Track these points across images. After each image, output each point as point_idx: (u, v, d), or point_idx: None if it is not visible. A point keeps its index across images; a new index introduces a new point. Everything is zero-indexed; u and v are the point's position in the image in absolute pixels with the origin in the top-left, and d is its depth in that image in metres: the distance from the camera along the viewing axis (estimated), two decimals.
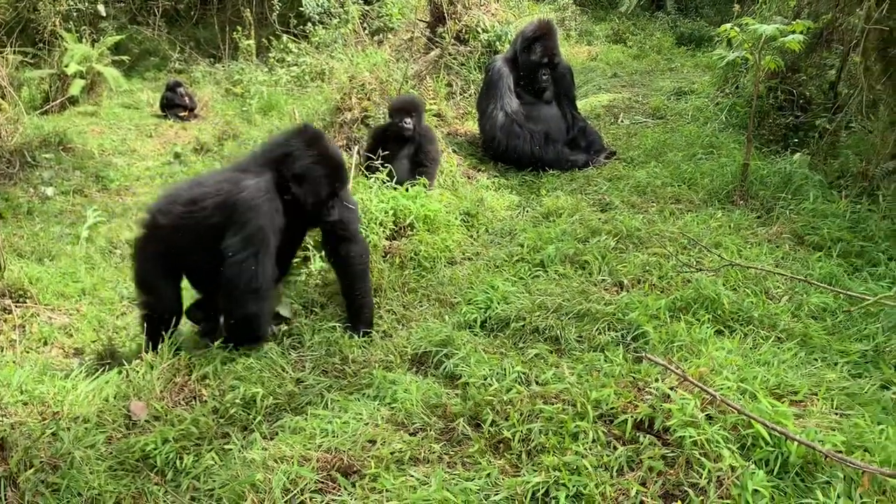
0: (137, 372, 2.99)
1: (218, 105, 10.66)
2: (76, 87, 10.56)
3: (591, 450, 2.27)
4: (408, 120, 4.82)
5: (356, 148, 4.86)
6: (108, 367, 3.56)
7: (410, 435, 2.52)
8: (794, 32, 4.18)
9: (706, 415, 2.29)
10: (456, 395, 2.72)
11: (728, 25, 4.36)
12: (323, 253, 3.81)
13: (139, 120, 10.47)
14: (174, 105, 10.37)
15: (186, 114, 10.31)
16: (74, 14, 11.52)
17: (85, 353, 3.90)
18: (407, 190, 4.37)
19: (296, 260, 3.94)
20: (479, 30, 7.35)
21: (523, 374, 2.74)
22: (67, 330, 4.16)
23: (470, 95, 6.87)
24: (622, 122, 6.72)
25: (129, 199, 7.25)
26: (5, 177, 7.08)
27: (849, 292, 3.04)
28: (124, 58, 12.04)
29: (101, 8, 11.85)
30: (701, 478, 2.08)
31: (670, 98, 7.22)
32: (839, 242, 3.89)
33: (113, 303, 4.52)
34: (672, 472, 2.15)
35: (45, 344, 3.96)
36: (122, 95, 11.44)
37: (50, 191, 7.11)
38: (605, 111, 7.07)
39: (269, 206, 3.15)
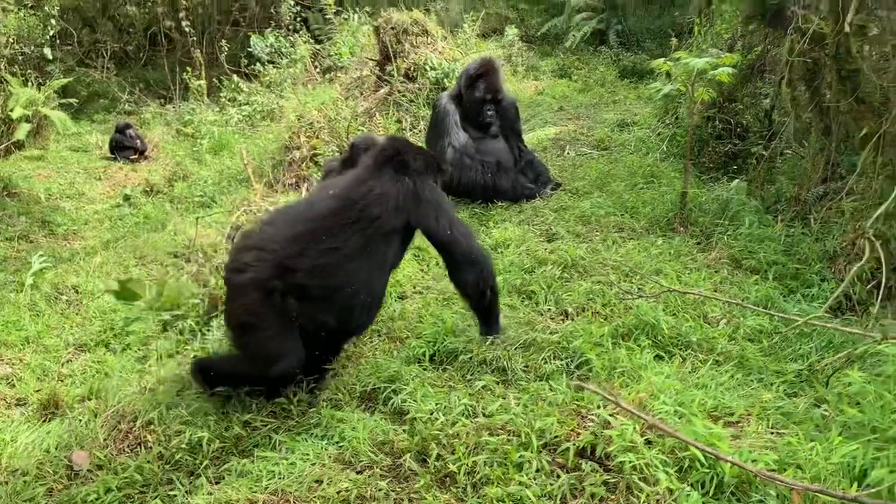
0: (80, 420, 2.94)
1: (169, 146, 10.60)
2: (22, 132, 10.42)
3: (535, 479, 2.31)
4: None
5: (305, 185, 4.89)
6: (51, 416, 3.50)
7: (357, 473, 2.52)
8: (724, 65, 4.36)
9: (646, 439, 2.34)
10: (403, 430, 2.73)
11: (661, 60, 4.53)
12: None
13: (88, 163, 10.37)
14: (124, 147, 10.30)
15: (136, 156, 10.23)
16: (20, 58, 11.40)
17: (28, 403, 3.81)
18: None
19: None
20: (427, 67, 7.48)
21: (470, 406, 2.77)
22: (10, 380, 4.07)
23: (419, 131, 6.96)
24: (568, 153, 6.87)
25: (76, 243, 7.15)
26: None
27: (781, 314, 3.15)
28: (72, 100, 11.94)
29: (47, 51, 11.74)
30: (640, 502, 2.13)
31: (614, 130, 7.41)
32: (774, 265, 4.03)
33: (58, 350, 4.43)
34: (613, 497, 2.20)
35: None
36: (71, 138, 11.32)
37: None
38: (552, 144, 7.22)
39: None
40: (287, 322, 2.96)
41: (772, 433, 2.54)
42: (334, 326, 3.11)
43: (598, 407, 2.57)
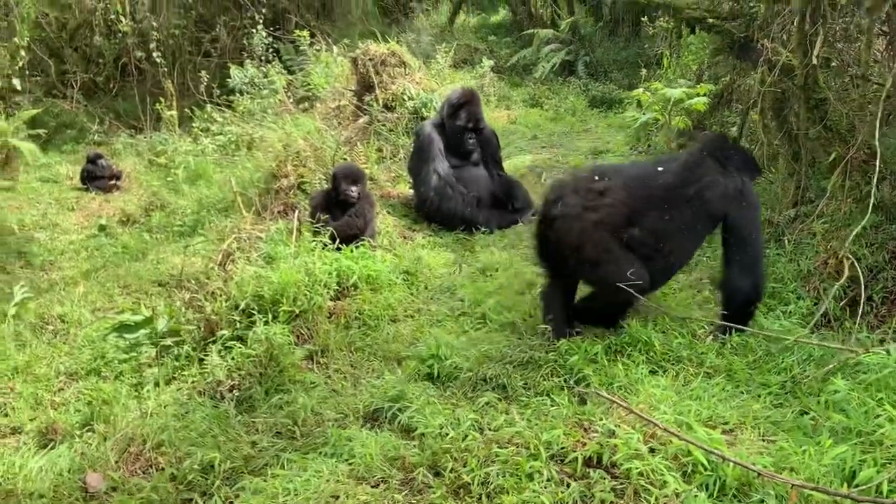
0: (90, 444, 2.97)
1: (141, 176, 10.56)
2: None
3: (546, 487, 2.42)
4: (353, 188, 5.00)
5: (296, 213, 4.98)
6: (49, 444, 3.50)
7: (372, 487, 2.61)
8: (698, 95, 4.59)
9: (649, 447, 2.47)
10: (413, 446, 2.82)
11: (639, 90, 4.74)
12: None
13: (59, 194, 10.26)
14: (96, 177, 10.23)
15: (109, 185, 10.18)
16: None
17: (24, 431, 3.80)
18: (352, 251, 4.52)
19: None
20: (405, 97, 7.63)
21: (476, 421, 2.87)
22: (2, 409, 4.05)
23: (400, 159, 7.09)
24: (545, 181, 7.04)
25: (54, 273, 7.07)
26: None
27: (766, 332, 3.31)
28: (41, 131, 11.84)
29: (16, 82, 11.67)
30: None
31: (588, 157, 7.61)
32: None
33: (49, 379, 4.41)
34: (622, 501, 2.32)
35: None
36: (40, 169, 11.20)
37: None
38: (529, 171, 7.40)
39: None
40: (632, 255, 3.43)
41: (763, 441, 2.69)
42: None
43: (601, 419, 2.70)
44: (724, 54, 5.83)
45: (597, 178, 3.55)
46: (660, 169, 3.63)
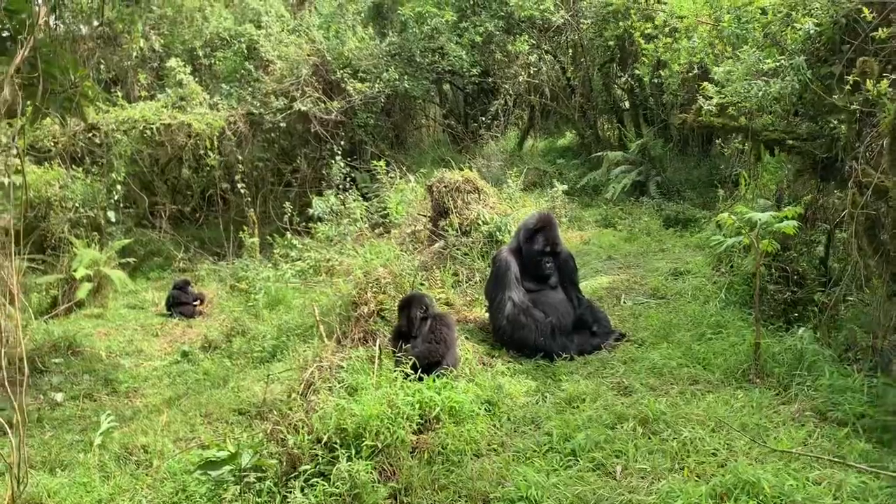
0: None
1: (224, 302, 10.88)
2: (83, 291, 10.84)
3: None
4: (404, 318, 5.03)
5: (377, 341, 4.98)
6: None
7: None
8: (786, 218, 4.48)
9: None
10: None
11: (725, 214, 4.67)
12: None
13: (144, 320, 10.64)
14: (180, 303, 10.59)
15: (193, 311, 10.51)
16: (84, 221, 12.07)
17: None
18: (434, 381, 4.45)
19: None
20: (480, 222, 7.75)
21: None
22: None
23: (476, 283, 7.10)
24: (625, 303, 6.92)
25: (138, 401, 7.21)
26: (15, 384, 7.08)
27: (888, 472, 3.05)
28: (130, 260, 12.46)
29: (111, 215, 12.42)
30: None
31: (668, 278, 7.47)
32: (862, 418, 3.93)
33: None
34: None
35: None
36: (128, 296, 11.70)
37: (59, 396, 7.10)
38: (607, 293, 7.30)
39: None
40: None
41: None
42: None
43: None
44: (806, 174, 5.74)
45: None
46: None
